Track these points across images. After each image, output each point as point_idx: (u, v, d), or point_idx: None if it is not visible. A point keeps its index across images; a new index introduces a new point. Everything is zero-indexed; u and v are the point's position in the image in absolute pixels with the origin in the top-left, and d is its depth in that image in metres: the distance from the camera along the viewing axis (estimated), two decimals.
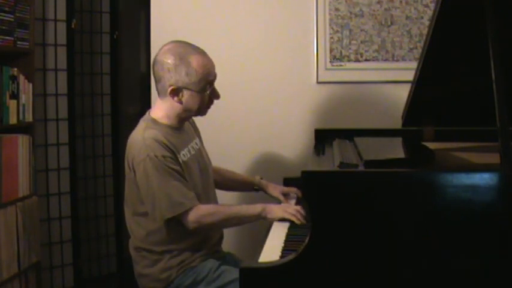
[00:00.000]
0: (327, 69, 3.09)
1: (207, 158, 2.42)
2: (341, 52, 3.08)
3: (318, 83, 3.10)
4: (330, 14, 3.07)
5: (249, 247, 3.01)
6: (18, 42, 2.92)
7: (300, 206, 2.23)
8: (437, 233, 1.57)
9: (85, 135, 3.75)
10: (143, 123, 2.21)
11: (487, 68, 1.68)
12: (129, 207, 2.23)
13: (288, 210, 2.17)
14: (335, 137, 2.47)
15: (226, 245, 2.47)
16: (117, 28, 3.87)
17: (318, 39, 3.08)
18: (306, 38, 3.09)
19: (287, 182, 2.67)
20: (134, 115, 4.37)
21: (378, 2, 3.06)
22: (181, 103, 2.18)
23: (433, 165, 1.90)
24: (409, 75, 2.13)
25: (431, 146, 2.20)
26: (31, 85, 3.01)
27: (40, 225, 3.13)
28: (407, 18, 3.06)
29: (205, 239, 2.25)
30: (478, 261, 1.57)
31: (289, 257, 1.62)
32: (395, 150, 2.35)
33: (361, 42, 3.08)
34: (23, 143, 2.91)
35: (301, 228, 2.08)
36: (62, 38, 3.40)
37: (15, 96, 2.88)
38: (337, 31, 3.08)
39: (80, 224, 3.66)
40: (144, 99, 3.71)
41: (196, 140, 2.37)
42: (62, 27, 3.39)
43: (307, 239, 1.59)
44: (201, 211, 2.12)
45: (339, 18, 3.07)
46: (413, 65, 2.19)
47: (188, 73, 2.14)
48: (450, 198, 1.57)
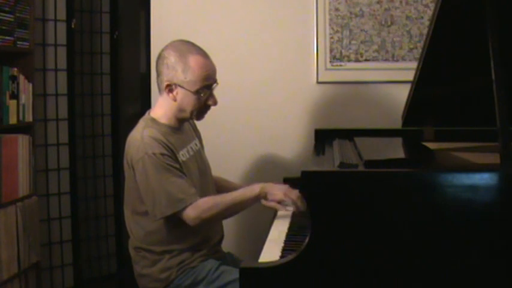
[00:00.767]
0: (327, 69, 3.09)
1: (207, 160, 2.41)
2: (341, 52, 3.08)
3: (318, 83, 3.10)
4: (330, 14, 3.07)
5: (249, 247, 3.01)
6: (18, 42, 2.92)
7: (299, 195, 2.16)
8: (437, 233, 1.57)
9: (85, 135, 3.75)
10: (142, 123, 2.22)
11: (487, 68, 1.68)
12: (129, 207, 2.23)
13: (290, 194, 2.14)
14: (335, 137, 2.47)
15: (226, 245, 2.47)
16: (117, 28, 3.87)
17: (318, 39, 3.08)
18: (306, 38, 3.09)
19: (287, 182, 2.66)
20: (134, 115, 4.37)
21: (377, 2, 3.06)
22: (175, 100, 2.18)
23: (433, 165, 1.90)
24: (409, 75, 2.13)
25: (431, 146, 2.20)
26: (31, 85, 3.01)
27: (40, 225, 3.13)
28: (407, 18, 3.06)
29: (205, 239, 2.25)
30: (478, 261, 1.57)
31: (289, 257, 1.62)
32: (395, 150, 2.35)
33: (361, 42, 3.08)
34: (23, 143, 2.91)
35: (301, 228, 2.08)
36: (62, 38, 3.40)
37: (15, 96, 2.88)
38: (337, 31, 3.08)
39: (80, 224, 3.65)
40: (144, 99, 3.70)
41: (196, 141, 2.37)
42: (62, 27, 3.39)
43: (307, 239, 1.59)
44: (201, 206, 2.10)
45: (339, 18, 3.07)
46: (413, 65, 2.19)
47: (184, 71, 2.14)
48: (450, 198, 1.57)
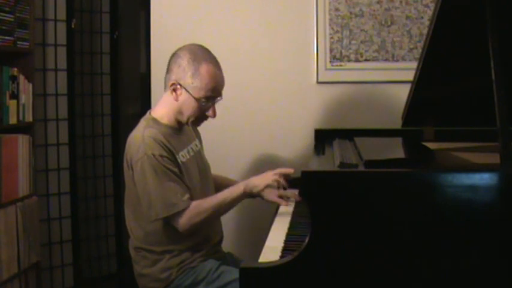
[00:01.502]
0: (327, 69, 3.09)
1: (206, 160, 2.42)
2: (341, 52, 3.08)
3: (318, 83, 3.10)
4: (330, 14, 3.07)
5: (249, 247, 3.01)
6: (18, 42, 2.92)
7: (279, 170, 2.24)
8: (437, 233, 1.57)
9: (85, 135, 3.75)
10: (143, 122, 2.22)
11: (487, 68, 1.68)
12: (129, 207, 2.24)
13: (269, 178, 2.18)
14: (335, 137, 2.47)
15: (226, 245, 2.47)
16: (117, 28, 3.87)
17: (318, 39, 3.08)
18: (306, 38, 3.09)
19: (287, 182, 2.66)
20: (134, 115, 4.37)
21: (377, 2, 3.06)
22: (176, 100, 2.18)
23: (433, 165, 1.90)
24: (409, 75, 2.13)
25: (431, 146, 2.20)
26: (31, 85, 3.01)
27: (40, 225, 3.13)
28: (407, 18, 3.06)
29: (205, 239, 2.25)
30: (478, 261, 1.57)
31: (289, 257, 1.62)
32: (395, 150, 2.35)
33: (361, 42, 3.08)
34: (23, 143, 2.91)
35: (301, 228, 2.08)
36: (62, 38, 3.40)
37: (15, 96, 2.88)
38: (337, 31, 3.08)
39: (80, 224, 3.65)
40: (144, 99, 3.70)
41: (196, 142, 2.37)
42: (62, 27, 3.39)
43: (307, 239, 1.59)
44: (190, 212, 2.11)
45: (339, 18, 3.07)
46: (413, 65, 2.18)
47: (194, 76, 2.15)
48: (450, 198, 1.57)
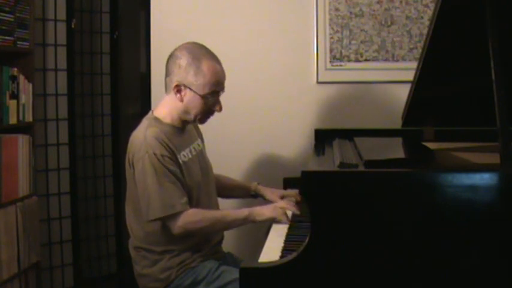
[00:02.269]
0: (327, 69, 3.09)
1: (208, 160, 2.42)
2: (341, 52, 3.08)
3: (318, 83, 3.10)
4: (330, 14, 3.07)
5: (249, 247, 3.01)
6: (18, 42, 2.92)
7: (287, 201, 2.33)
8: (437, 233, 1.57)
9: (85, 135, 3.75)
10: (146, 122, 2.22)
11: (487, 68, 1.68)
12: (130, 206, 2.24)
13: (276, 210, 2.20)
14: (335, 137, 2.47)
15: (226, 245, 2.47)
16: (117, 28, 3.87)
17: (318, 39, 3.08)
18: (306, 38, 3.09)
19: (287, 182, 2.67)
20: (134, 115, 4.37)
21: (377, 2, 3.06)
22: (182, 101, 2.19)
23: (433, 165, 1.90)
24: (409, 75, 2.13)
25: (431, 146, 2.20)
26: (31, 85, 3.01)
27: (40, 225, 3.13)
28: (407, 18, 3.06)
29: (205, 239, 2.25)
30: (478, 261, 1.57)
31: (289, 257, 1.62)
32: (395, 150, 2.35)
33: (361, 42, 3.08)
34: (23, 143, 2.91)
35: (301, 228, 2.08)
36: (62, 38, 3.40)
37: (15, 96, 2.88)
38: (337, 31, 3.08)
39: (80, 224, 3.65)
40: (144, 99, 3.70)
41: (199, 141, 2.38)
42: (62, 27, 3.39)
43: (307, 239, 1.59)
44: (188, 217, 2.12)
45: (339, 18, 3.07)
46: (413, 65, 2.19)
47: (196, 74, 2.15)
48: (450, 198, 1.57)
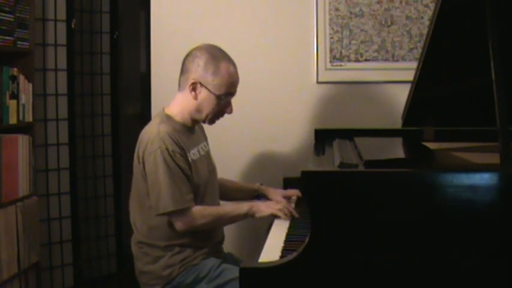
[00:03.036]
0: (327, 69, 3.09)
1: (214, 161, 2.45)
2: (341, 52, 3.08)
3: (318, 83, 3.10)
4: (330, 14, 3.07)
5: (249, 247, 3.02)
6: (18, 42, 2.92)
7: (287, 201, 2.39)
8: (437, 233, 1.57)
9: (85, 135, 3.75)
10: (158, 118, 2.27)
11: (487, 68, 1.68)
12: (136, 202, 2.27)
13: (275, 206, 2.25)
14: (335, 137, 2.47)
15: (227, 245, 2.47)
16: (117, 28, 3.87)
17: (318, 39, 3.08)
18: (306, 38, 3.09)
19: (287, 182, 2.67)
20: (134, 115, 4.38)
21: (377, 2, 3.06)
22: (196, 99, 2.23)
23: (433, 165, 1.90)
24: (409, 75, 2.13)
25: (431, 146, 2.20)
26: (31, 85, 3.01)
27: (40, 225, 3.13)
28: (407, 18, 3.06)
29: (207, 237, 2.27)
30: (478, 261, 1.57)
31: (289, 257, 1.62)
32: (395, 150, 2.35)
33: (361, 42, 3.08)
34: (23, 143, 2.91)
35: (301, 228, 2.08)
36: (62, 38, 3.40)
37: (15, 96, 2.88)
38: (337, 31, 3.08)
39: (80, 224, 3.65)
40: (144, 99, 3.70)
41: (205, 143, 2.43)
42: (62, 27, 3.39)
43: (307, 239, 1.59)
44: (193, 214, 2.17)
45: (339, 18, 3.07)
46: (413, 65, 2.18)
47: (214, 74, 2.20)
48: (450, 198, 1.57)
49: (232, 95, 2.28)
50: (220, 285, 2.15)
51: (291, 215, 2.23)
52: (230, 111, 2.30)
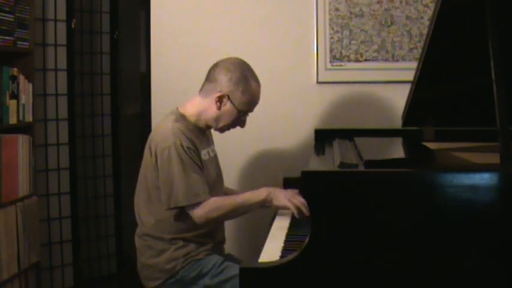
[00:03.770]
0: (327, 69, 3.09)
1: (220, 166, 2.49)
2: (341, 52, 3.08)
3: (318, 83, 3.10)
4: (330, 14, 3.07)
5: (249, 248, 3.01)
6: (18, 42, 2.92)
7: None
8: (437, 233, 1.57)
9: (85, 135, 3.75)
10: (172, 116, 2.31)
11: (487, 68, 1.68)
12: (143, 195, 2.29)
13: (293, 200, 2.16)
14: (335, 137, 2.47)
15: (227, 245, 2.47)
16: (117, 28, 3.87)
17: (318, 39, 3.08)
18: (306, 38, 3.09)
19: (287, 182, 2.67)
20: (134, 115, 4.38)
21: (377, 2, 3.06)
22: (219, 109, 2.29)
23: (433, 165, 1.90)
24: (409, 75, 2.13)
25: (431, 146, 2.20)
26: (31, 85, 3.01)
27: (40, 225, 3.13)
28: (407, 18, 3.06)
29: (209, 234, 2.29)
30: (478, 261, 1.57)
31: (289, 257, 1.62)
32: (395, 150, 2.35)
33: (361, 42, 3.08)
34: (23, 143, 2.91)
35: (301, 228, 2.08)
36: (62, 38, 3.40)
37: (15, 96, 2.88)
38: (337, 31, 3.08)
39: (80, 224, 3.66)
40: (144, 99, 3.70)
41: (213, 147, 2.47)
42: (61, 27, 3.39)
43: (307, 239, 1.59)
44: (209, 205, 2.19)
45: (339, 18, 3.07)
46: (413, 65, 2.18)
47: (244, 91, 2.29)
48: (450, 198, 1.57)
49: (250, 112, 2.37)
50: (223, 281, 2.17)
51: (303, 217, 2.11)
52: (243, 126, 2.38)
